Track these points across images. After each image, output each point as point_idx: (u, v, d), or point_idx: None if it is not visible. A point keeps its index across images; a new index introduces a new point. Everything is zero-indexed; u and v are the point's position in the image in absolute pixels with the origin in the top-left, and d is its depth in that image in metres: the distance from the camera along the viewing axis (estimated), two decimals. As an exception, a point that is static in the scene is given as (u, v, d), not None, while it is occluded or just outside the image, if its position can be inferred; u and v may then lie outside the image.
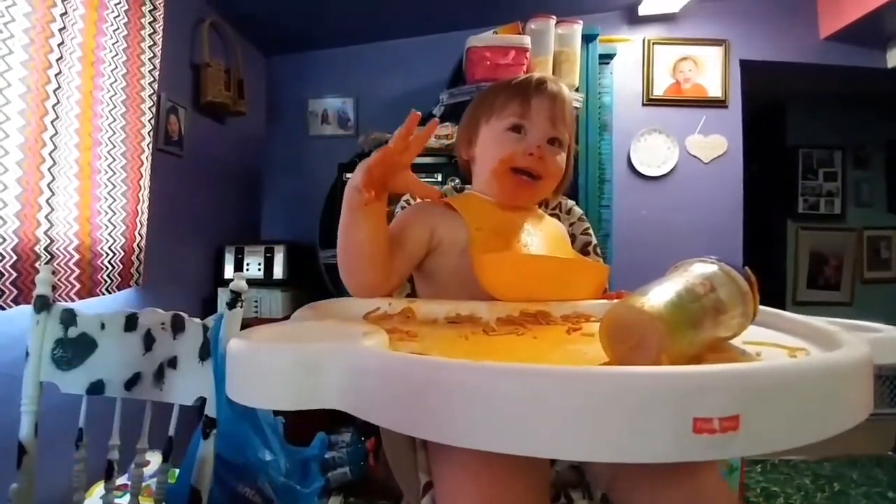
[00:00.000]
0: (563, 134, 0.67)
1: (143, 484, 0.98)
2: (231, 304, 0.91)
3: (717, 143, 2.32)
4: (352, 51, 2.46)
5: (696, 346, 0.35)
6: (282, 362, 0.29)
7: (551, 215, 0.80)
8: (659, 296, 0.35)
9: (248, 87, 2.12)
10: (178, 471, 0.93)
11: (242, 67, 2.07)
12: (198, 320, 0.94)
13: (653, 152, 2.37)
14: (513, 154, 0.64)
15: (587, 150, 2.16)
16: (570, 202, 0.82)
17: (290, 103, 2.51)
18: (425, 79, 2.30)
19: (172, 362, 0.92)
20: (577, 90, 1.98)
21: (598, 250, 0.79)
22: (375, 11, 2.15)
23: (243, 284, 0.93)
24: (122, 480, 1.17)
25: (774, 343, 0.41)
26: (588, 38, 2.03)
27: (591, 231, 0.80)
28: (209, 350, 0.89)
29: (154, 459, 1.20)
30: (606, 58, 2.24)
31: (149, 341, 0.94)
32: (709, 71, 2.30)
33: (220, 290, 1.99)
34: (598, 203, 2.28)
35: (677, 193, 2.35)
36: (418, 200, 0.78)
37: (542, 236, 0.65)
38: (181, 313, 0.94)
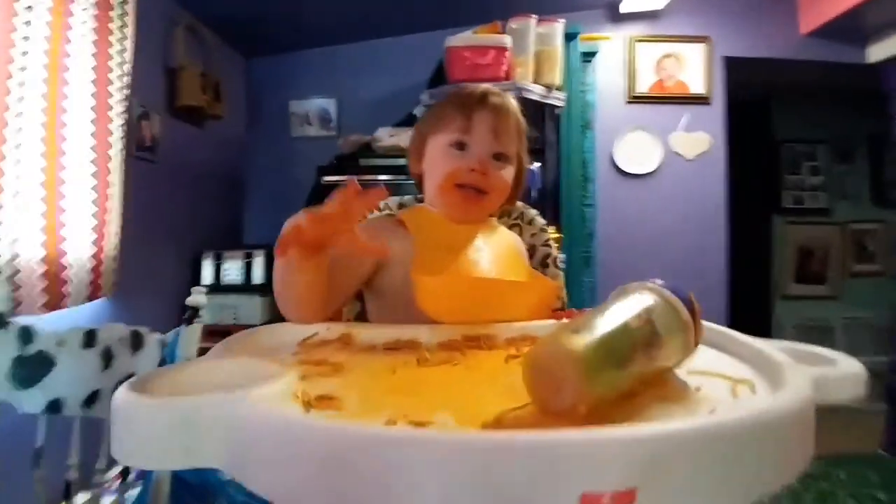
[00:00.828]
0: (509, 147, 0.65)
1: None
2: (188, 320, 0.90)
3: (700, 139, 2.30)
4: (333, 51, 2.43)
5: (624, 385, 0.33)
6: (159, 420, 0.27)
7: (512, 225, 0.79)
8: (585, 332, 0.33)
9: (228, 90, 2.08)
10: (136, 491, 0.91)
11: (220, 70, 2.04)
12: (158, 335, 0.92)
13: (637, 150, 2.35)
14: (456, 170, 0.63)
15: (570, 148, 2.15)
16: (532, 212, 0.81)
17: (272, 105, 2.47)
18: (407, 79, 2.27)
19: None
20: (558, 89, 1.96)
21: (559, 262, 0.77)
22: (355, 11, 2.12)
23: (201, 299, 0.91)
24: (81, 500, 1.15)
25: (720, 373, 0.39)
26: (569, 37, 2.01)
27: (551, 242, 0.79)
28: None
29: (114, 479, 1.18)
30: (589, 56, 2.22)
31: (108, 358, 0.91)
32: (692, 68, 2.28)
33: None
34: (582, 202, 2.27)
35: (662, 191, 2.34)
36: (374, 214, 0.77)
37: (492, 251, 0.63)
38: (140, 329, 0.92)
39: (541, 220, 0.80)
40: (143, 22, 1.48)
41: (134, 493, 1.00)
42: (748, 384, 0.36)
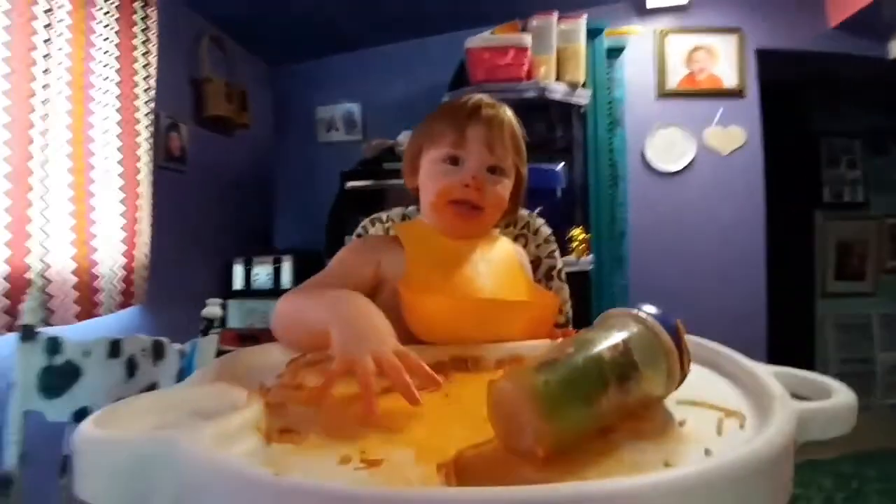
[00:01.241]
0: (504, 160, 0.62)
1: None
2: (204, 332, 0.91)
3: (735, 134, 2.18)
4: (356, 56, 2.46)
5: (594, 422, 0.30)
6: (108, 458, 0.26)
7: (518, 236, 0.76)
8: (549, 367, 0.30)
9: (254, 98, 2.14)
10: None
11: (245, 79, 2.09)
12: (177, 346, 0.94)
13: (669, 147, 2.24)
14: (449, 186, 0.60)
15: (597, 147, 2.08)
16: (539, 221, 0.77)
17: (298, 112, 2.52)
18: (430, 81, 2.25)
19: (153, 388, 0.92)
20: (583, 86, 1.89)
21: (563, 275, 0.73)
22: (376, 14, 2.12)
23: (216, 311, 0.92)
24: None
25: (711, 404, 0.36)
26: (594, 33, 1.94)
27: (556, 254, 0.75)
28: (184, 377, 0.89)
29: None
30: (615, 51, 2.14)
31: (132, 367, 0.94)
32: (723, 60, 2.16)
33: (229, 302, 2.03)
34: (612, 201, 2.19)
35: (696, 188, 2.23)
36: (370, 231, 0.75)
37: (489, 265, 0.60)
38: (161, 340, 0.94)
39: (546, 230, 0.76)
40: (167, 35, 1.54)
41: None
42: (738, 417, 0.33)
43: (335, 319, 0.44)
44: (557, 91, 1.80)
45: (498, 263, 0.62)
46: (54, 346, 0.93)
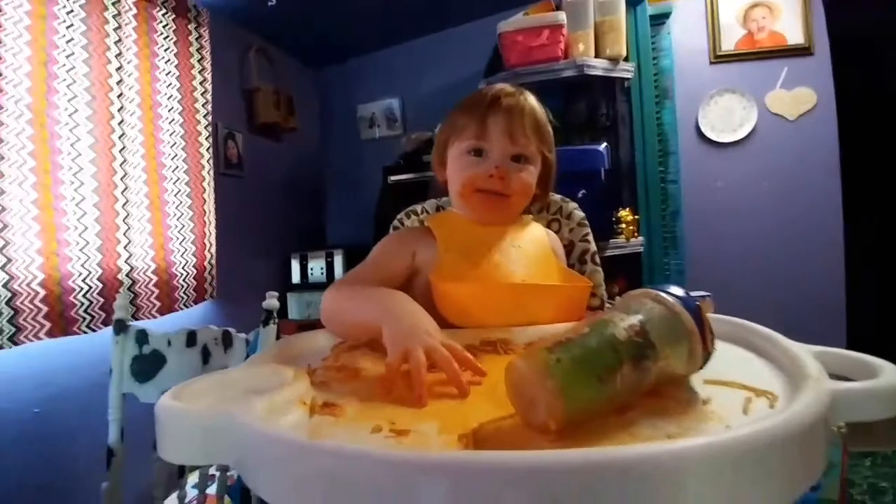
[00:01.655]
0: (527, 147, 0.62)
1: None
2: (265, 322, 1.00)
3: (803, 96, 1.98)
4: (393, 52, 2.50)
5: (608, 400, 0.31)
6: (183, 423, 0.32)
7: (552, 221, 0.76)
8: (563, 346, 0.32)
9: (300, 103, 2.25)
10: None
11: (291, 85, 2.20)
12: (243, 335, 1.04)
13: (726, 115, 2.09)
14: (474, 177, 0.62)
15: (643, 122, 1.98)
16: (572, 205, 0.77)
17: (341, 111, 2.62)
18: (466, 69, 2.25)
19: (224, 374, 1.02)
20: (626, 59, 1.81)
21: (597, 258, 0.73)
22: (409, 7, 2.15)
23: (274, 303, 1.01)
24: (191, 479, 1.34)
25: (742, 384, 0.35)
26: (634, 1, 1.85)
27: (590, 237, 0.74)
28: (250, 363, 0.98)
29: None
30: (661, 18, 2.02)
31: (206, 355, 1.05)
32: (786, 16, 1.96)
33: (288, 295, 2.18)
34: (662, 178, 2.09)
35: (759, 159, 2.05)
36: (406, 223, 0.79)
37: (520, 251, 0.61)
38: (229, 330, 1.04)
39: (579, 214, 0.76)
40: (219, 51, 1.66)
41: (235, 472, 1.15)
42: (769, 397, 0.32)
43: (385, 316, 0.48)
44: (598, 67, 1.74)
45: (529, 249, 0.63)
46: (143, 337, 1.05)
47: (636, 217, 1.82)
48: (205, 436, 0.32)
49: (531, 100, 0.64)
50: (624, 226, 1.74)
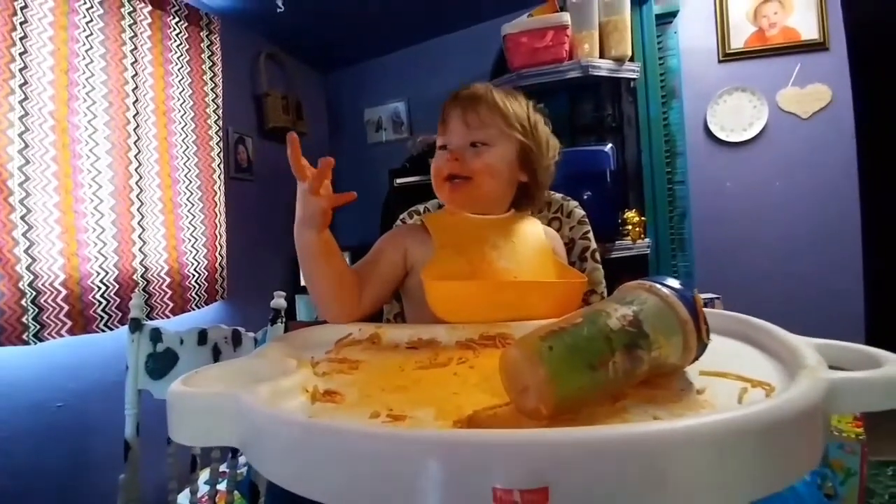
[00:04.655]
0: (484, 132, 0.65)
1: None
2: (273, 321, 1.02)
3: (817, 93, 1.94)
4: (399, 56, 2.52)
5: (599, 388, 0.32)
6: (190, 406, 0.34)
7: (552, 219, 0.77)
8: (555, 334, 0.33)
9: (309, 107, 2.28)
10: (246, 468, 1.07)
11: (300, 89, 2.24)
12: (252, 334, 1.06)
13: (735, 114, 2.06)
14: (439, 167, 0.66)
15: (650, 122, 1.98)
16: (573, 204, 0.78)
17: (349, 115, 2.65)
18: (472, 72, 2.26)
19: (234, 371, 1.05)
20: (632, 59, 1.81)
21: (597, 255, 0.73)
22: (415, 11, 2.17)
23: (282, 302, 1.03)
24: (204, 472, 1.37)
25: (738, 375, 0.36)
26: (640, 1, 1.85)
27: (590, 235, 0.75)
28: (259, 361, 1.01)
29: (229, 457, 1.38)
30: (667, 16, 2.01)
31: (216, 353, 1.08)
32: (800, 9, 1.93)
33: (297, 296, 2.21)
34: (669, 179, 2.07)
35: (770, 159, 2.01)
36: (408, 222, 0.81)
37: (515, 247, 0.63)
38: (238, 329, 1.07)
39: (580, 212, 0.77)
40: (230, 57, 1.69)
41: (244, 469, 1.18)
42: (765, 387, 0.33)
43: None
44: (603, 67, 1.74)
45: (525, 245, 0.64)
46: (157, 335, 1.09)
47: (643, 218, 1.82)
48: (211, 417, 0.33)
49: (493, 91, 0.67)
50: (630, 227, 1.74)
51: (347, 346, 0.53)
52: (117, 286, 1.21)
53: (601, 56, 1.75)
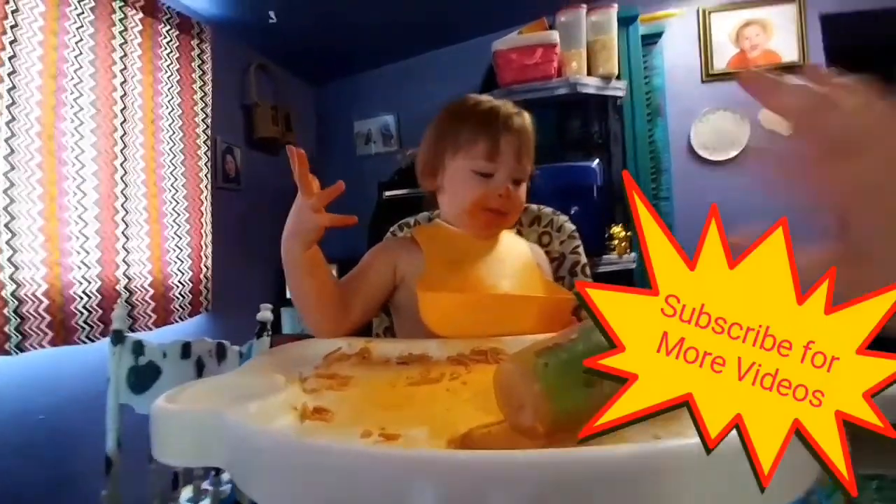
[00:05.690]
0: (527, 168, 0.65)
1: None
2: (259, 334, 1.01)
3: (796, 114, 2.01)
4: (390, 69, 2.55)
5: (595, 403, 0.32)
6: (177, 425, 0.33)
7: (542, 234, 0.78)
8: (551, 350, 0.33)
9: (298, 118, 2.28)
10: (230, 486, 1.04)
11: (290, 101, 2.24)
12: (237, 347, 1.05)
13: (718, 133, 2.13)
14: (484, 197, 0.63)
15: (636, 140, 2.02)
16: (563, 218, 0.78)
17: (338, 127, 2.65)
18: (462, 86, 2.28)
19: (218, 385, 1.02)
20: (618, 78, 1.86)
21: (587, 270, 0.74)
22: (406, 24, 2.20)
23: (268, 315, 1.02)
24: (185, 489, 1.33)
25: None
26: (627, 21, 1.90)
27: (580, 249, 0.76)
28: (244, 375, 0.99)
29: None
30: (653, 37, 2.07)
31: (200, 366, 1.05)
32: (780, 33, 2.01)
33: (283, 309, 2.18)
34: (654, 195, 2.11)
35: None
36: (398, 235, 0.81)
37: (504, 264, 0.63)
38: (223, 342, 1.05)
39: (570, 227, 0.78)
40: (220, 67, 1.69)
41: (228, 487, 1.14)
42: None
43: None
44: (590, 85, 1.78)
45: (513, 261, 0.65)
46: (139, 348, 1.06)
47: (628, 233, 1.84)
48: (197, 436, 0.32)
49: (529, 118, 0.67)
50: (616, 242, 1.76)
51: (337, 362, 0.52)
52: (100, 297, 1.18)
53: (589, 74, 1.79)
